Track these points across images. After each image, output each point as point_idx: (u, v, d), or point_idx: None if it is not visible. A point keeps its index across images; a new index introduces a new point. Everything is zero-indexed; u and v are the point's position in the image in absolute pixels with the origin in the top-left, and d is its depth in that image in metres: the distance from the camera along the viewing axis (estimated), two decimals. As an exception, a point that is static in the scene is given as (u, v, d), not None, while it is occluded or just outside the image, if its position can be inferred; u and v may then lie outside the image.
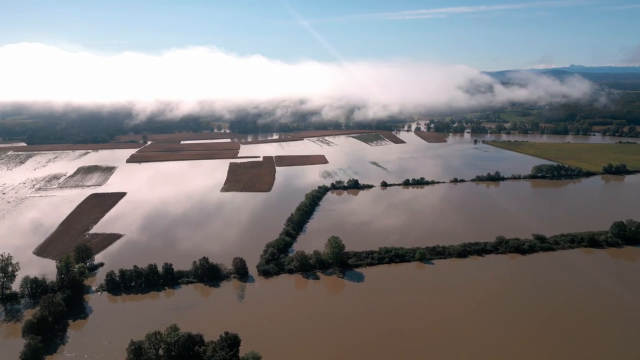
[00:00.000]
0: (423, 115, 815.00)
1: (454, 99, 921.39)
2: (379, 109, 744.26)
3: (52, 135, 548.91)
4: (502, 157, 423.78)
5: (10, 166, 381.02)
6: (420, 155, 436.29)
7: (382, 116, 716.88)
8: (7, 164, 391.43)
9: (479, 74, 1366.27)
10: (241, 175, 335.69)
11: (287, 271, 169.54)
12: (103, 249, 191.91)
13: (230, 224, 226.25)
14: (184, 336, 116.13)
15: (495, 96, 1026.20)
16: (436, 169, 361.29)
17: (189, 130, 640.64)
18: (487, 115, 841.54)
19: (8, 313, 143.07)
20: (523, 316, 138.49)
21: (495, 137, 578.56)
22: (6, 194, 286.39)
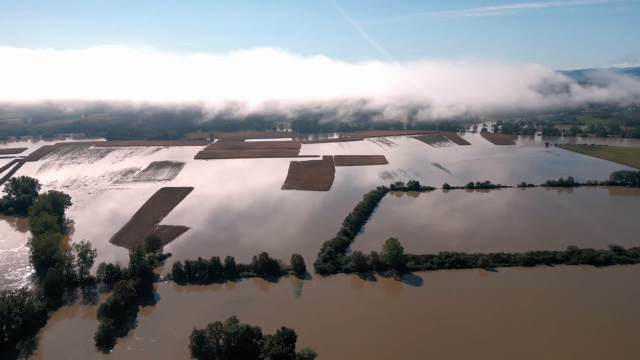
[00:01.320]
0: (490, 116, 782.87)
1: (525, 99, 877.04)
2: (444, 109, 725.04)
3: (129, 132, 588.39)
4: (576, 162, 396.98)
5: (92, 160, 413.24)
6: (485, 158, 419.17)
7: (447, 116, 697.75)
8: (89, 157, 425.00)
9: (554, 73, 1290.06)
10: (301, 174, 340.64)
11: (344, 271, 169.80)
12: (171, 240, 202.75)
13: (290, 221, 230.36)
14: (242, 328, 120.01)
15: (571, 96, 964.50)
16: (503, 172, 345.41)
17: (253, 129, 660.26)
18: (561, 117, 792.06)
19: (86, 296, 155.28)
20: (596, 332, 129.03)
21: (570, 140, 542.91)
22: (87, 185, 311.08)
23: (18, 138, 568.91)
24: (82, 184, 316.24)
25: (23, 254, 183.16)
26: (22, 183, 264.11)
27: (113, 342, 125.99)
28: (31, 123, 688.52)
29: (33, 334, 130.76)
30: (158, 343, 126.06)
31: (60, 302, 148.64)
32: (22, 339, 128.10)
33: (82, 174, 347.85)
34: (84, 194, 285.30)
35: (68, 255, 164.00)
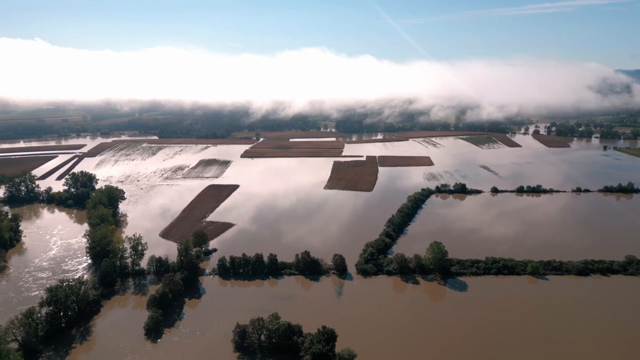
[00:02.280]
0: (544, 117, 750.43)
1: (582, 100, 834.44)
2: (494, 110, 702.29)
3: (179, 130, 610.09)
4: (637, 167, 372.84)
5: (144, 157, 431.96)
6: (537, 161, 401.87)
7: (497, 117, 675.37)
8: (142, 154, 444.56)
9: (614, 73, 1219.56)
10: (344, 174, 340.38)
11: (386, 272, 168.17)
12: (217, 236, 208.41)
13: (332, 221, 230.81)
14: (284, 325, 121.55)
15: (633, 97, 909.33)
16: (556, 176, 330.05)
17: (298, 128, 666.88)
18: (621, 119, 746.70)
19: (136, 287, 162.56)
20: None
21: (630, 144, 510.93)
22: (140, 181, 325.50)
23: (78, 135, 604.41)
24: (135, 179, 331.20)
25: (80, 245, 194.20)
26: (81, 177, 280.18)
27: (161, 332, 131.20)
28: (90, 121, 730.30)
29: (87, 321, 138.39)
30: (203, 335, 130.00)
31: (113, 291, 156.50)
32: (78, 325, 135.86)
33: (135, 170, 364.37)
34: (136, 189, 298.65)
35: (121, 248, 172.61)
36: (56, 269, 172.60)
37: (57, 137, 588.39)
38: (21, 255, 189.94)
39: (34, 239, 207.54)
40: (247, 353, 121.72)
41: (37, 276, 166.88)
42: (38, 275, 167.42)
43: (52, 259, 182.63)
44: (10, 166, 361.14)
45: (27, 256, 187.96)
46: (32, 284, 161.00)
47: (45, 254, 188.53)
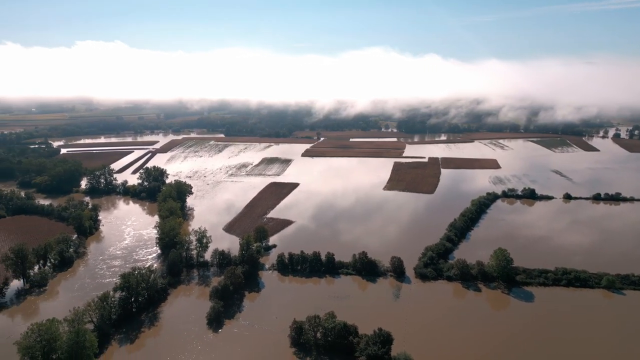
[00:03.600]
0: (627, 120, 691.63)
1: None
2: (570, 111, 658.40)
3: (244, 129, 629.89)
4: None
5: (211, 154, 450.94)
6: (617, 167, 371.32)
7: (572, 119, 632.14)
8: (209, 151, 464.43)
9: None
10: (404, 175, 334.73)
11: (446, 278, 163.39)
12: (277, 232, 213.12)
13: (390, 222, 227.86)
14: (340, 324, 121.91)
15: None
16: (638, 183, 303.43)
17: (359, 128, 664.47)
18: None
19: (200, 278, 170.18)
20: None
21: None
22: (207, 177, 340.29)
23: (152, 132, 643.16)
24: (202, 175, 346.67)
25: (150, 236, 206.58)
26: (153, 172, 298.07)
27: (222, 322, 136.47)
28: (163, 119, 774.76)
29: (155, 307, 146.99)
30: (261, 329, 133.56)
31: (179, 281, 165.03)
32: (147, 311, 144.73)
33: (202, 166, 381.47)
34: (203, 185, 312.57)
35: (187, 240, 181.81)
36: (128, 258, 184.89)
37: (133, 133, 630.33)
38: (99, 242, 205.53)
39: (110, 228, 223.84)
40: (303, 349, 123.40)
41: (110, 264, 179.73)
42: (111, 263, 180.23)
43: (124, 248, 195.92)
44: (92, 160, 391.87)
45: (103, 244, 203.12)
46: (106, 271, 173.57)
47: (120, 243, 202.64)
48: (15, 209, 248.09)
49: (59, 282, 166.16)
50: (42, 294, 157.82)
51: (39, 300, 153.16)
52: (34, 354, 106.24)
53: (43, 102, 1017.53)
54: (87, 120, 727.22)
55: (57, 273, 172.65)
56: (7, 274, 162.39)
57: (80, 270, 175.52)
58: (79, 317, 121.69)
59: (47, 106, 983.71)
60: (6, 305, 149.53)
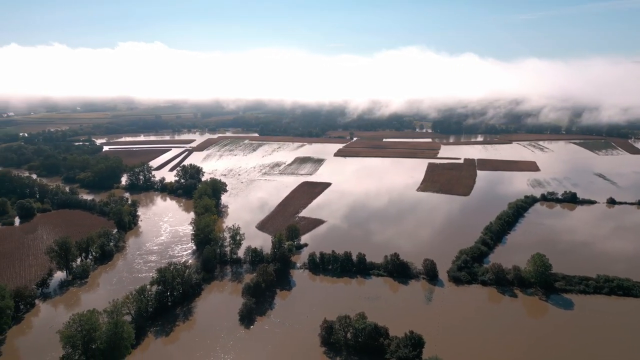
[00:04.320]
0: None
1: None
2: (616, 112, 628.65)
3: (278, 129, 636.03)
4: None
5: (246, 153, 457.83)
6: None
7: (619, 121, 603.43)
8: (243, 150, 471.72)
9: None
10: (439, 176, 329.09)
11: (480, 282, 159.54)
12: (308, 231, 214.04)
13: (423, 224, 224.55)
14: (370, 325, 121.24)
15: None
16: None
17: (392, 128, 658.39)
18: None
19: (233, 274, 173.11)
20: None
21: None
22: (241, 175, 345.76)
23: (189, 131, 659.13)
24: (237, 173, 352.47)
25: (185, 233, 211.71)
26: (190, 170, 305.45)
27: (253, 319, 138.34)
28: (200, 118, 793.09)
29: (190, 302, 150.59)
30: (291, 327, 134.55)
31: (212, 277, 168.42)
32: (181, 305, 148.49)
33: (237, 165, 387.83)
34: (237, 183, 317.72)
35: (221, 236, 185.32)
36: (163, 253, 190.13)
37: (171, 132, 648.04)
38: (137, 237, 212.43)
39: (148, 223, 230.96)
40: (333, 349, 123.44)
41: (147, 259, 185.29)
42: (148, 258, 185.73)
43: (160, 244, 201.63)
44: (131, 157, 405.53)
45: (141, 239, 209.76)
46: (142, 265, 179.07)
47: (156, 238, 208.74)
48: (60, 203, 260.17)
49: (99, 275, 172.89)
50: (84, 285, 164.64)
51: (81, 292, 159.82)
52: (75, 343, 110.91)
53: (87, 101, 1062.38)
54: (128, 119, 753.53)
55: (98, 266, 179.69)
56: (52, 266, 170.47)
57: (119, 264, 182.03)
58: (118, 309, 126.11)
59: (91, 105, 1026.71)
60: (50, 295, 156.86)
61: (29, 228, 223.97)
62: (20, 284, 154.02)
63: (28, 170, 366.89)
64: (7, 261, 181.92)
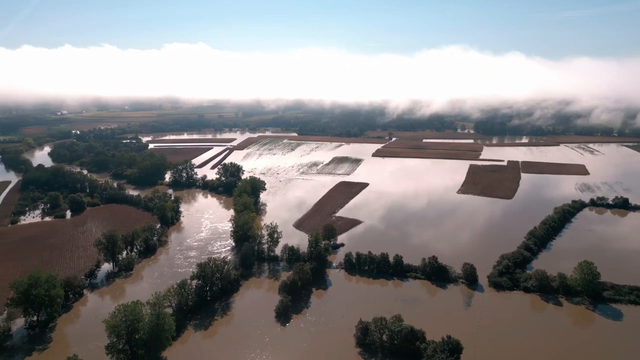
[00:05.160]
0: None
1: None
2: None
3: (317, 128, 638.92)
4: None
5: (284, 152, 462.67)
6: None
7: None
8: (282, 150, 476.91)
9: None
10: (480, 179, 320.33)
11: (523, 289, 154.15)
12: (345, 231, 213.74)
13: (463, 227, 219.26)
14: (407, 328, 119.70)
15: None
16: None
17: (433, 128, 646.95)
18: None
19: (270, 271, 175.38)
20: None
21: None
22: (279, 174, 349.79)
23: (230, 129, 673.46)
24: (275, 172, 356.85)
25: (224, 229, 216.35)
26: (230, 168, 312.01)
27: (289, 317, 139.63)
28: (241, 117, 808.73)
29: (228, 297, 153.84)
30: (327, 326, 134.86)
31: (250, 273, 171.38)
32: (220, 300, 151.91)
33: (275, 164, 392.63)
34: (275, 182, 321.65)
35: (259, 234, 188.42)
36: (203, 249, 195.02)
37: (213, 131, 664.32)
38: (179, 233, 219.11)
39: (190, 219, 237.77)
40: (368, 350, 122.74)
41: (186, 254, 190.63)
42: (188, 254, 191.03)
43: (200, 240, 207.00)
44: (175, 155, 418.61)
45: (183, 235, 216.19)
46: (183, 261, 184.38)
47: (197, 234, 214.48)
48: (108, 198, 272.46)
49: (143, 268, 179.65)
50: (128, 277, 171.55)
51: (125, 283, 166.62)
52: (119, 332, 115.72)
53: (135, 101, 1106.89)
54: (172, 118, 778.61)
55: (142, 259, 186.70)
56: (99, 258, 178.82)
57: (161, 258, 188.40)
58: (160, 301, 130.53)
59: (138, 104, 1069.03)
60: (97, 286, 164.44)
61: (79, 221, 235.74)
62: (70, 274, 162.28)
63: (79, 166, 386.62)
64: (59, 252, 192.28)
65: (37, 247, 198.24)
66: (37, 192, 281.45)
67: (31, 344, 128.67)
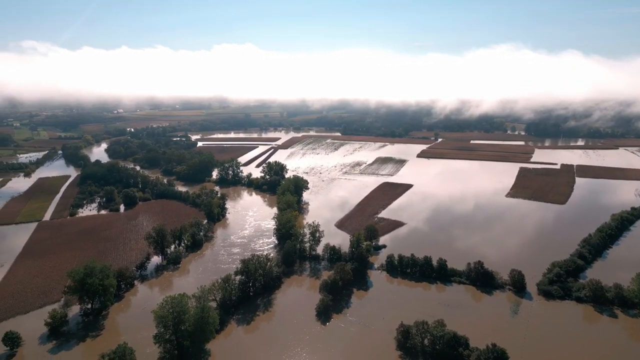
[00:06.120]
0: None
1: None
2: None
3: (361, 128, 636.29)
4: None
5: (328, 152, 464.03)
6: None
7: None
8: (325, 149, 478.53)
9: None
10: (531, 182, 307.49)
11: (575, 299, 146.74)
12: (387, 232, 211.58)
13: (511, 232, 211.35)
14: (449, 334, 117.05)
15: None
16: None
17: (481, 130, 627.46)
18: None
19: (311, 270, 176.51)
20: None
21: None
22: (322, 174, 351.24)
23: (275, 129, 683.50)
24: (318, 172, 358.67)
25: (267, 227, 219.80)
26: (274, 167, 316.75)
27: (330, 316, 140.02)
28: (286, 117, 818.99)
29: (270, 294, 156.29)
30: (367, 327, 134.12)
31: (292, 271, 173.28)
32: (262, 296, 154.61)
33: (318, 163, 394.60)
34: (318, 181, 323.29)
35: (302, 232, 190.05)
36: (246, 246, 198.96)
37: (259, 130, 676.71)
38: (224, 229, 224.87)
39: (235, 216, 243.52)
40: (409, 354, 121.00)
41: (230, 251, 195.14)
42: (231, 251, 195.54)
43: (244, 237, 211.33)
44: (222, 153, 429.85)
45: (227, 231, 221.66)
46: (226, 257, 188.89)
47: (241, 231, 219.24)
48: (158, 193, 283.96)
49: (189, 262, 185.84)
50: (176, 270, 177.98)
51: (173, 276, 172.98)
52: (166, 322, 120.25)
53: (185, 100, 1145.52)
54: (220, 117, 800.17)
55: (189, 253, 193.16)
56: (149, 251, 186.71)
57: (207, 253, 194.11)
58: (205, 294, 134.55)
59: (188, 103, 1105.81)
60: (147, 277, 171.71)
61: (132, 215, 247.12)
62: (122, 266, 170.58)
63: (133, 162, 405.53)
64: (112, 244, 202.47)
65: (93, 238, 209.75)
66: (94, 187, 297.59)
67: (85, 330, 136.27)
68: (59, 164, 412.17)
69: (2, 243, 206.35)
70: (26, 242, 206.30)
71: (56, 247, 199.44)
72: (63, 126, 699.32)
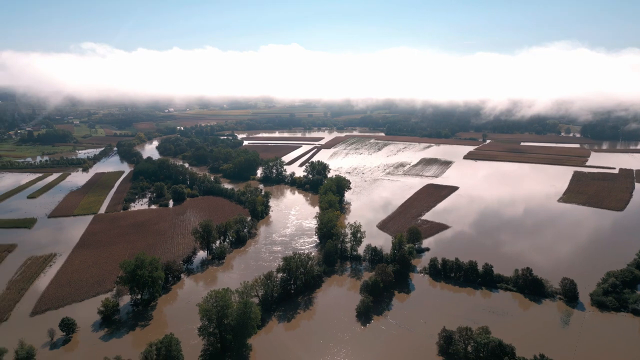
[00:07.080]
0: None
1: None
2: None
3: (405, 128, 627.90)
4: None
5: (371, 152, 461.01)
6: None
7: None
8: (369, 149, 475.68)
9: None
10: (586, 187, 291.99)
11: (631, 311, 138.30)
12: (430, 235, 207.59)
13: (563, 239, 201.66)
14: (494, 342, 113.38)
15: None
16: None
17: (532, 131, 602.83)
18: None
19: (352, 270, 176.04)
20: None
21: None
22: (365, 174, 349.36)
23: (319, 129, 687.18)
24: (361, 172, 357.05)
25: (309, 226, 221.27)
26: (317, 166, 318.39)
27: (370, 317, 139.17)
28: (329, 117, 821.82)
29: (311, 292, 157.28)
30: (408, 331, 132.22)
31: (333, 270, 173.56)
32: (303, 294, 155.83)
33: (361, 163, 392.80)
34: (361, 181, 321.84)
35: (343, 232, 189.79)
36: (287, 245, 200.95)
37: (302, 129, 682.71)
38: (267, 226, 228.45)
39: (278, 214, 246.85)
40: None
41: (272, 249, 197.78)
42: (272, 249, 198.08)
43: (286, 236, 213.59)
44: (267, 152, 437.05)
45: (270, 229, 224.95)
46: (268, 255, 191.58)
47: (284, 230, 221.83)
48: (205, 190, 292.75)
49: (233, 257, 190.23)
50: (220, 265, 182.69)
51: (217, 271, 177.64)
52: (210, 316, 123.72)
53: (233, 100, 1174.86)
54: (265, 117, 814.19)
55: (233, 249, 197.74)
56: (196, 245, 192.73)
57: (250, 250, 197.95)
58: (248, 290, 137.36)
59: (235, 103, 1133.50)
60: (193, 271, 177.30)
61: (180, 210, 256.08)
62: (170, 259, 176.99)
63: (182, 159, 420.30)
64: (161, 238, 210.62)
65: (143, 232, 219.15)
66: (145, 182, 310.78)
67: (135, 319, 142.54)
68: (114, 160, 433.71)
69: (61, 234, 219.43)
70: (82, 233, 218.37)
71: (110, 239, 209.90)
72: (118, 124, 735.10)
